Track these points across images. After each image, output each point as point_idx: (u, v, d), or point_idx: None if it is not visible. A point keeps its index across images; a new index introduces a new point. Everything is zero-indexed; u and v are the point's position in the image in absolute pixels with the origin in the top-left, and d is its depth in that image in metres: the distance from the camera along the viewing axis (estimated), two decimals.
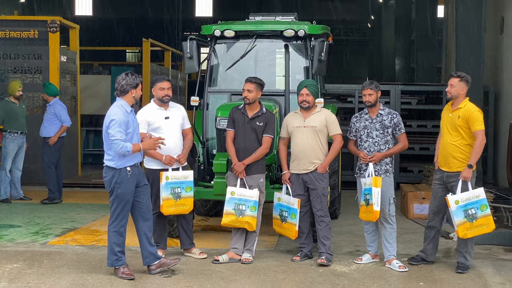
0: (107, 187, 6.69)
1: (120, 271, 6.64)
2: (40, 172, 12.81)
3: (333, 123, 7.48)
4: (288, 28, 8.63)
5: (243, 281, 6.68)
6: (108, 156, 6.63)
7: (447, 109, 7.26)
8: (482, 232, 7.02)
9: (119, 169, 6.59)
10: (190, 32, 11.06)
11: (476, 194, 6.95)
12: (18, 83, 11.41)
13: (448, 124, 7.15)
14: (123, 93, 6.64)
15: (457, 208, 6.94)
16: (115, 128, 6.47)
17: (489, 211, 6.97)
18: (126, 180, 6.60)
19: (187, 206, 7.41)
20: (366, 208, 7.26)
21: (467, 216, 6.93)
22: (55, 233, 8.84)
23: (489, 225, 6.98)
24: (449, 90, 7.17)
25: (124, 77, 6.63)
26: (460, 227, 6.96)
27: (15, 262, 7.24)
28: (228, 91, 8.90)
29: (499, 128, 12.64)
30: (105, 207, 10.84)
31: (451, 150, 7.08)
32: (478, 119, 7.00)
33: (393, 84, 13.93)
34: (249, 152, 7.37)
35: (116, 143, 6.46)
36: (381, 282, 6.74)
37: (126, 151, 6.51)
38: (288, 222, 7.48)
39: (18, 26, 13.53)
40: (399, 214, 9.83)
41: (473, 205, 6.93)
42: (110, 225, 6.74)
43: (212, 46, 8.98)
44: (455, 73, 7.32)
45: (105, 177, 6.68)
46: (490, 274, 7.07)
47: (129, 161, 6.62)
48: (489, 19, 12.87)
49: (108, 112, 6.60)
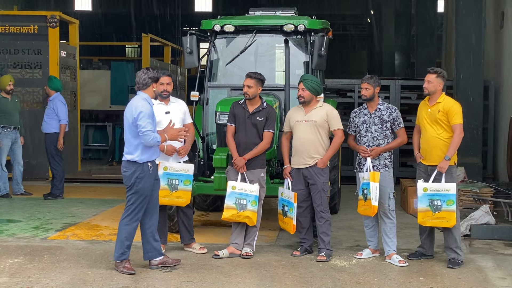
0: (127, 182, 6.64)
1: (121, 265, 6.64)
2: (41, 167, 12.85)
3: (334, 118, 7.47)
4: (288, 23, 8.63)
5: (243, 276, 6.69)
6: (131, 150, 6.61)
7: (424, 104, 7.29)
8: (441, 225, 7.11)
9: (141, 163, 6.60)
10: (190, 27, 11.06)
11: (446, 188, 7.00)
12: (9, 77, 11.39)
13: (428, 119, 7.19)
14: (144, 87, 6.68)
15: (423, 195, 7.04)
16: (145, 120, 6.49)
17: (454, 207, 7.00)
18: (147, 175, 6.62)
19: (183, 199, 7.41)
20: (364, 203, 7.28)
21: (431, 205, 7.01)
22: (55, 228, 8.86)
23: (450, 220, 7.01)
24: (426, 86, 7.22)
25: (145, 71, 6.70)
26: (421, 213, 7.07)
27: (15, 257, 7.25)
28: (228, 86, 8.89)
29: (499, 123, 12.64)
30: (105, 202, 10.90)
31: (436, 143, 7.12)
32: (458, 112, 7.08)
33: (393, 79, 13.92)
34: (250, 147, 7.37)
35: (148, 134, 6.48)
36: (381, 277, 6.75)
37: (156, 141, 6.56)
38: (287, 216, 7.50)
39: (17, 21, 13.53)
40: (399, 209, 9.84)
41: (441, 198, 6.99)
42: (123, 219, 6.68)
43: (212, 41, 8.97)
44: (431, 69, 7.34)
45: (125, 171, 6.64)
46: (490, 269, 7.08)
47: (151, 156, 6.66)
48: (489, 13, 12.86)
49: (133, 105, 6.57)
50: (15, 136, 11.25)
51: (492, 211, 8.88)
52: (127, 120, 6.62)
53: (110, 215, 9.76)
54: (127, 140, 6.66)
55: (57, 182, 11.11)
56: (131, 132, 6.60)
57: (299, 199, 7.41)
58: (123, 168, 6.67)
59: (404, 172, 13.05)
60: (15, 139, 11.26)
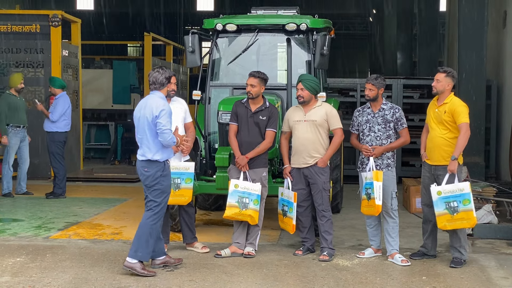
0: (150, 182, 6.59)
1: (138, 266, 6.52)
2: (43, 167, 12.85)
3: (334, 117, 7.46)
4: (290, 22, 8.61)
5: (246, 275, 6.69)
6: (152, 150, 6.59)
7: (433, 104, 7.28)
8: (462, 226, 7.00)
9: (163, 161, 6.63)
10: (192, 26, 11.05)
11: (460, 188, 6.95)
12: (20, 76, 11.41)
13: (435, 118, 7.18)
14: (162, 86, 6.74)
15: (438, 199, 6.96)
16: (166, 118, 6.54)
17: (471, 206, 6.93)
18: (168, 172, 6.70)
19: (185, 198, 7.40)
20: (368, 202, 7.26)
21: (448, 208, 6.93)
22: (57, 227, 8.86)
23: (470, 220, 6.94)
24: (435, 85, 7.19)
25: (161, 71, 6.74)
26: (440, 218, 6.97)
27: (18, 256, 7.25)
28: (230, 85, 8.89)
29: (501, 122, 12.62)
30: (107, 201, 10.90)
31: (439, 143, 7.10)
32: (463, 111, 7.03)
33: (395, 78, 13.91)
34: (252, 146, 7.37)
35: (167, 133, 6.52)
36: (384, 276, 6.74)
37: (173, 141, 6.61)
38: (287, 216, 7.49)
39: (20, 20, 13.52)
40: (401, 208, 9.84)
41: (456, 198, 6.92)
42: (148, 219, 6.59)
43: (214, 40, 8.96)
44: (441, 68, 7.33)
45: (147, 171, 6.60)
46: (493, 268, 7.08)
47: (170, 154, 6.74)
48: (492, 13, 12.84)
49: (153, 104, 6.57)
50: (23, 135, 11.26)
51: (494, 210, 8.87)
52: (145, 119, 6.58)
53: (112, 214, 9.76)
54: (145, 140, 6.61)
55: (59, 181, 11.10)
56: (151, 131, 6.58)
57: (299, 199, 7.40)
58: (143, 168, 6.62)
59: (407, 172, 13.04)
60: (23, 137, 11.27)
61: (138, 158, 6.71)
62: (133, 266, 6.55)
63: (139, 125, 6.67)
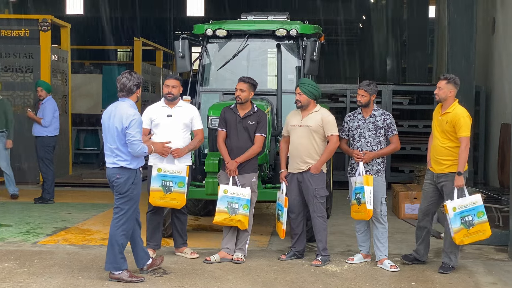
0: (121, 189, 6.49)
1: (125, 275, 6.49)
2: (31, 171, 12.78)
3: (329, 123, 7.43)
4: (280, 28, 8.64)
5: (235, 281, 6.67)
6: (124, 157, 6.48)
7: (437, 111, 7.27)
8: (478, 238, 7.01)
9: (135, 169, 6.55)
10: (182, 32, 11.03)
11: (473, 201, 6.95)
12: None
13: (438, 126, 7.18)
14: (130, 94, 6.56)
15: (455, 215, 6.91)
16: (135, 129, 6.41)
17: (485, 218, 6.95)
18: (140, 180, 6.60)
19: (177, 201, 7.35)
20: (358, 207, 7.27)
21: (464, 223, 6.90)
22: (46, 232, 8.81)
23: (485, 231, 6.98)
24: (437, 93, 7.19)
25: (128, 77, 6.52)
26: (457, 234, 6.93)
27: (5, 262, 7.21)
28: (220, 90, 8.90)
29: (490, 128, 12.67)
30: (96, 207, 10.85)
31: (440, 151, 7.11)
32: (464, 125, 7.00)
33: (384, 84, 13.94)
34: (242, 151, 7.37)
35: (136, 144, 6.41)
36: (373, 282, 6.75)
37: (144, 152, 6.51)
38: (280, 221, 7.49)
39: (9, 24, 13.48)
40: (391, 214, 9.85)
41: (470, 212, 6.92)
42: (119, 228, 6.49)
43: (204, 46, 8.97)
44: (442, 75, 7.34)
45: (118, 178, 6.49)
46: (482, 274, 7.10)
47: (141, 161, 6.63)
48: (481, 20, 12.91)
49: (123, 114, 6.42)
50: (3, 140, 11.22)
51: None
52: (115, 128, 6.45)
53: (101, 220, 9.72)
54: (114, 148, 6.49)
55: (48, 186, 11.06)
56: (120, 140, 6.47)
57: (291, 206, 7.40)
58: (114, 175, 6.51)
59: (396, 177, 13.07)
60: (3, 142, 11.22)
61: (108, 166, 6.57)
62: (120, 276, 6.50)
63: (108, 134, 6.53)
